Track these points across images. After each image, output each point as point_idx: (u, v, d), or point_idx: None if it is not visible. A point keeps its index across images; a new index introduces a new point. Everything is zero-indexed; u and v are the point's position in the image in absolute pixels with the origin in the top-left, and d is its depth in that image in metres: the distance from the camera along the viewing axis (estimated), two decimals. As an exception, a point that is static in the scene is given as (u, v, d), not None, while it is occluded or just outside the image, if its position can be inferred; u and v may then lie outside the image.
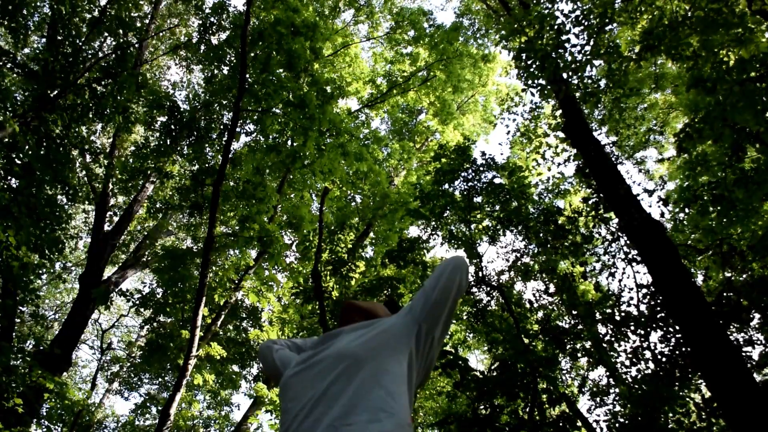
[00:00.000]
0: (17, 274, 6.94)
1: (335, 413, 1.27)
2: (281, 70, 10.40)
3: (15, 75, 9.18)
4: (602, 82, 7.80)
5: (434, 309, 1.53)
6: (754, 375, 6.01)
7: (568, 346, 7.51)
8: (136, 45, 11.35)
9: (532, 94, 7.91)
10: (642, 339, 7.08)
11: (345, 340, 1.51)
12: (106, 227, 12.48)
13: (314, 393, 1.36)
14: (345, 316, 1.75)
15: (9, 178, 7.52)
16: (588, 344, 7.62)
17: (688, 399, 6.78)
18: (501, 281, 9.38)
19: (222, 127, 10.87)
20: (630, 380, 7.18)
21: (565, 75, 7.36)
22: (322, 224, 10.64)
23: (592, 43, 7.04)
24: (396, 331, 1.50)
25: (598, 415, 7.33)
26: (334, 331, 1.61)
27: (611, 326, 7.36)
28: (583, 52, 7.10)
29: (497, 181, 9.19)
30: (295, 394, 1.41)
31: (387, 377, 1.36)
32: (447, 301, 1.54)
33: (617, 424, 6.92)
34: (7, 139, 7.50)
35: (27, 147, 7.74)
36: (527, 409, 6.41)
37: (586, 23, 7.03)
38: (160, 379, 16.03)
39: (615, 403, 7.32)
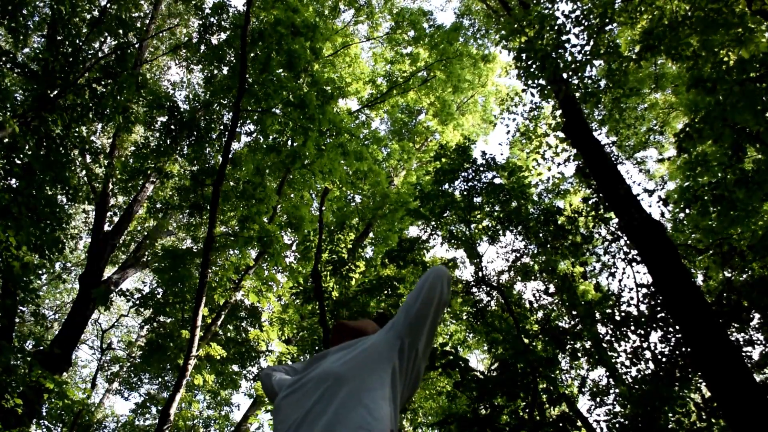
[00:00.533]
0: (17, 274, 6.94)
1: (319, 426, 1.30)
2: (281, 70, 10.40)
3: (15, 75, 9.18)
4: (602, 82, 7.80)
5: (416, 323, 1.54)
6: (754, 375, 6.01)
7: (568, 346, 7.51)
8: (136, 45, 11.35)
9: (532, 95, 7.91)
10: (642, 339, 7.08)
11: (329, 360, 1.54)
12: (106, 227, 12.47)
13: (299, 414, 1.39)
14: (336, 337, 1.78)
15: (9, 178, 7.52)
16: (588, 344, 7.62)
17: (688, 399, 6.78)
18: (501, 281, 9.38)
19: (222, 127, 10.86)
20: (630, 380, 7.18)
21: (565, 75, 7.36)
22: (322, 224, 10.64)
23: (592, 43, 7.04)
24: (378, 349, 1.52)
25: (598, 415, 7.33)
26: (321, 353, 1.65)
27: (611, 326, 7.36)
28: (583, 52, 7.10)
29: (497, 181, 9.20)
30: (284, 416, 1.44)
31: (368, 395, 1.37)
32: (428, 314, 1.54)
33: (617, 424, 6.92)
34: (7, 139, 7.49)
35: (27, 147, 7.74)
36: (527, 409, 6.41)
37: (586, 23, 7.03)
38: (160, 379, 16.03)
39: (615, 403, 7.32)
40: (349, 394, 1.37)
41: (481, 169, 9.06)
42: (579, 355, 7.75)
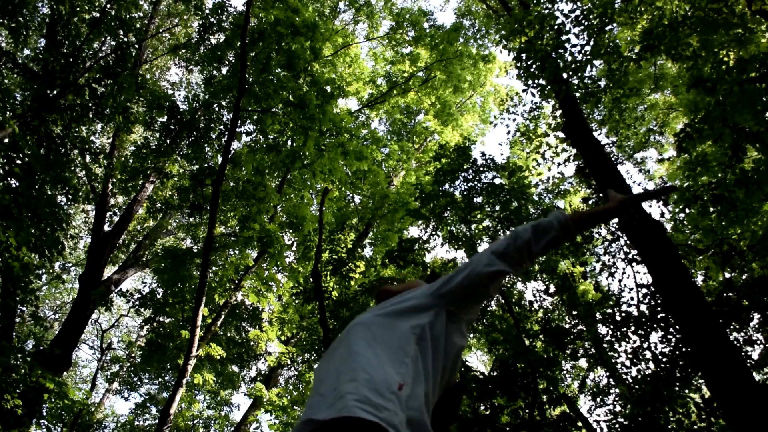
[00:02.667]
0: (17, 275, 6.93)
1: (331, 377, 1.29)
2: (281, 71, 10.39)
3: (15, 75, 9.18)
4: (602, 82, 7.80)
5: (465, 293, 1.50)
6: (754, 375, 6.01)
7: (569, 347, 7.51)
8: (136, 45, 11.34)
9: (533, 94, 7.91)
10: (642, 339, 7.08)
11: (362, 315, 1.53)
12: (106, 227, 12.47)
13: (321, 368, 1.41)
14: (378, 301, 1.76)
15: (9, 178, 7.51)
16: (588, 344, 7.62)
17: (688, 399, 6.78)
18: (501, 281, 9.36)
19: (222, 127, 10.86)
20: (630, 380, 7.18)
21: (565, 75, 7.36)
22: (322, 224, 10.64)
23: (592, 43, 7.04)
24: (413, 304, 1.49)
25: (599, 415, 7.34)
26: None
27: (611, 326, 7.36)
28: (583, 52, 7.10)
29: (497, 181, 9.20)
30: (314, 380, 1.44)
31: (380, 347, 1.34)
32: (479, 288, 1.50)
33: (617, 425, 6.92)
34: (7, 140, 7.49)
35: (27, 147, 7.73)
36: (527, 409, 6.41)
37: (586, 23, 7.03)
38: (160, 379, 16.03)
39: (615, 403, 7.32)
40: (366, 341, 1.35)
41: (481, 169, 9.06)
42: (579, 355, 7.75)
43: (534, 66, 7.16)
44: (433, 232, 9.47)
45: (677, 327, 6.59)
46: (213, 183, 9.14)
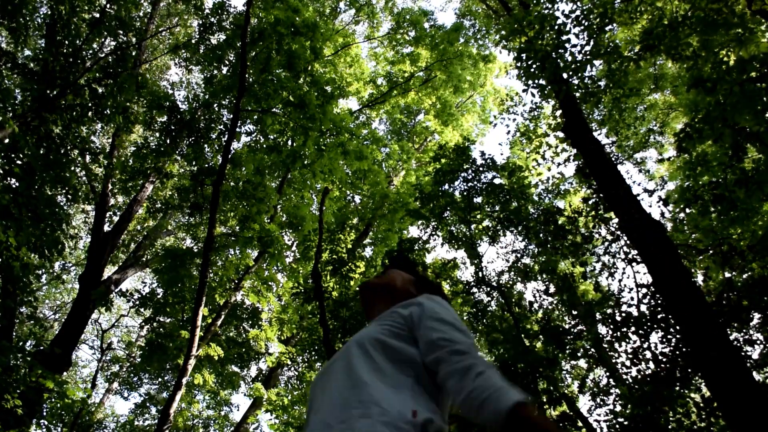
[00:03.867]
0: (17, 275, 6.93)
1: (334, 404, 1.24)
2: (281, 70, 10.40)
3: (15, 75, 9.18)
4: (602, 82, 7.80)
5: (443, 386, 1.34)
6: (754, 375, 6.00)
7: (569, 347, 7.51)
8: (136, 45, 11.34)
9: (533, 94, 7.91)
10: (642, 339, 7.08)
11: (361, 332, 1.48)
12: (106, 227, 12.47)
13: (320, 386, 1.38)
14: (363, 301, 1.73)
15: (9, 178, 7.51)
16: (588, 344, 7.62)
17: (688, 399, 6.78)
18: (501, 281, 9.38)
19: (222, 127, 10.86)
20: (630, 380, 7.18)
21: (565, 75, 7.35)
22: (322, 224, 10.63)
23: (592, 43, 7.04)
24: (406, 337, 1.43)
25: (599, 415, 7.34)
26: None
27: (611, 326, 7.36)
28: (583, 52, 7.10)
29: (497, 181, 9.20)
30: (310, 403, 1.40)
31: (384, 377, 1.29)
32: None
33: (617, 425, 6.92)
34: (7, 140, 7.49)
35: (27, 147, 7.73)
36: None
37: (586, 23, 7.03)
38: (160, 379, 16.04)
39: (615, 403, 7.32)
40: (368, 369, 1.30)
41: (481, 169, 9.07)
42: (579, 355, 7.75)
43: (534, 66, 7.16)
44: (433, 232, 9.47)
45: (677, 327, 6.59)
46: (213, 183, 9.13)
